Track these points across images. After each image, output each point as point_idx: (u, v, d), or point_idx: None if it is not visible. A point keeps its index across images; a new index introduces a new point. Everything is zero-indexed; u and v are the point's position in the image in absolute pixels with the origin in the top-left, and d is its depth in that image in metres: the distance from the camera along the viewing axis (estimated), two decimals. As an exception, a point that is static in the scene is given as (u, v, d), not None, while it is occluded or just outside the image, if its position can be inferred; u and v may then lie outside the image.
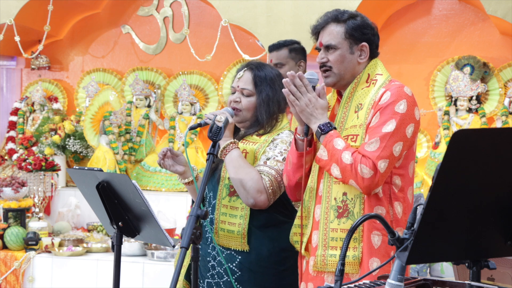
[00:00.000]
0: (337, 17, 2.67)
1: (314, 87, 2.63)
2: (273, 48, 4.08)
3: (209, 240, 2.97)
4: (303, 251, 2.70)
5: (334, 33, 2.65)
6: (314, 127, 2.59)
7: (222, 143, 2.86)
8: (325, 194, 2.62)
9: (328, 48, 2.66)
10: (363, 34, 2.66)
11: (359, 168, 2.48)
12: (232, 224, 2.90)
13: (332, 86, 2.72)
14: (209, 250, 2.96)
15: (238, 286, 2.89)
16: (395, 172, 2.58)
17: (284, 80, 2.61)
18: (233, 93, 3.01)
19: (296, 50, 4.08)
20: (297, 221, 2.73)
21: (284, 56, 4.04)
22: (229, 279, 2.90)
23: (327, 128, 2.57)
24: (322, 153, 2.57)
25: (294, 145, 2.69)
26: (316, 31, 2.72)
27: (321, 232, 2.60)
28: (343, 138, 2.58)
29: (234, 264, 2.91)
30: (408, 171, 2.62)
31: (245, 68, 3.02)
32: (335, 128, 2.58)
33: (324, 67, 2.67)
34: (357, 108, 2.62)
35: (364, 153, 2.50)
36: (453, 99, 5.52)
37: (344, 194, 2.58)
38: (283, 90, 2.63)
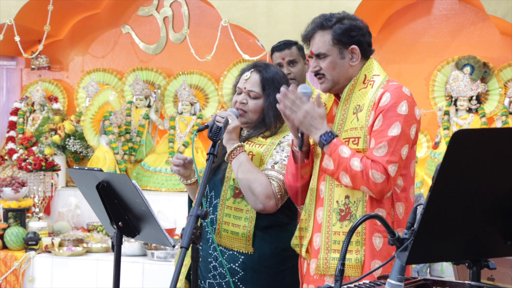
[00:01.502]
0: (322, 24, 2.66)
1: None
2: (285, 46, 4.09)
3: (210, 240, 2.96)
4: (304, 253, 2.70)
5: (322, 41, 2.65)
6: (316, 137, 2.58)
7: (229, 146, 2.85)
8: (327, 197, 2.62)
9: (319, 56, 2.66)
10: (351, 37, 2.65)
11: (370, 173, 2.47)
12: (236, 226, 2.89)
13: (328, 91, 2.72)
14: (210, 251, 2.96)
15: (240, 286, 2.89)
16: None
17: (277, 96, 2.60)
18: (239, 93, 2.99)
19: (302, 49, 4.13)
20: (300, 224, 2.73)
21: (296, 54, 4.07)
22: (231, 279, 2.90)
23: (329, 138, 2.55)
24: (327, 162, 2.57)
25: (292, 157, 2.70)
26: (306, 39, 2.72)
27: (324, 235, 2.60)
28: (344, 141, 2.58)
29: (237, 264, 2.91)
30: (410, 170, 2.63)
31: (252, 69, 2.99)
32: (336, 136, 2.58)
33: (318, 75, 2.68)
34: (356, 109, 2.61)
35: (373, 158, 2.49)
36: (453, 99, 5.52)
37: (347, 197, 2.58)
38: (277, 105, 2.61)
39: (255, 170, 2.83)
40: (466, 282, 1.80)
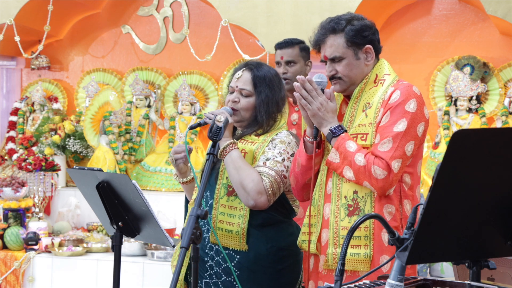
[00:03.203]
0: (334, 28, 2.67)
1: (323, 90, 2.65)
2: (285, 45, 4.09)
3: (206, 240, 2.97)
4: (313, 249, 2.70)
5: (335, 45, 2.66)
6: (326, 130, 2.61)
7: (222, 143, 2.87)
8: (334, 192, 2.63)
9: (333, 60, 2.67)
10: (364, 37, 2.67)
11: (372, 169, 2.49)
12: (230, 224, 2.90)
13: (343, 92, 2.73)
14: (206, 250, 2.96)
15: (236, 286, 2.89)
16: (405, 170, 2.60)
17: (295, 84, 2.63)
18: (231, 92, 3.01)
19: (305, 50, 4.12)
20: (306, 220, 2.73)
21: (296, 54, 4.07)
22: (227, 279, 2.90)
23: (338, 131, 2.59)
24: (333, 156, 2.59)
25: (302, 148, 2.70)
26: (317, 45, 2.72)
27: (332, 230, 2.62)
28: (352, 137, 2.59)
29: (232, 264, 2.91)
30: (417, 169, 2.65)
31: (244, 68, 3.01)
32: (346, 131, 2.60)
33: (334, 79, 2.68)
34: (365, 107, 2.64)
35: (377, 153, 2.51)
36: (453, 99, 5.52)
37: (355, 192, 2.60)
38: (294, 93, 2.64)
39: (246, 167, 2.84)
40: (466, 282, 1.80)
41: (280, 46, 4.12)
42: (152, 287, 4.87)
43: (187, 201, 3.25)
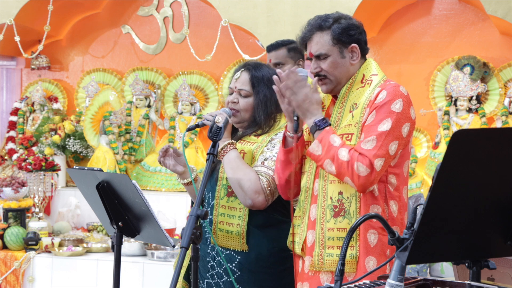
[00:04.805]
0: (320, 25, 2.67)
1: None
2: (272, 48, 4.11)
3: (208, 240, 2.97)
4: (298, 251, 2.70)
5: (321, 42, 2.66)
6: (310, 122, 2.60)
7: (220, 144, 2.87)
8: (320, 193, 2.62)
9: (319, 57, 2.67)
10: (350, 36, 2.66)
11: (355, 165, 2.48)
12: (230, 225, 2.90)
13: (330, 93, 2.72)
14: (208, 251, 2.96)
15: (238, 286, 2.89)
16: (391, 171, 2.59)
17: (274, 78, 2.61)
18: (231, 93, 3.02)
19: (294, 50, 4.10)
20: (294, 221, 2.73)
21: (283, 56, 4.06)
22: (229, 279, 2.90)
23: (323, 124, 2.57)
24: (315, 147, 2.57)
25: (282, 142, 2.70)
26: (304, 42, 2.73)
27: (318, 231, 2.61)
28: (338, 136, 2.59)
29: (233, 264, 2.91)
30: (403, 170, 2.64)
31: (242, 69, 3.03)
32: (330, 124, 2.59)
33: (319, 76, 2.68)
34: (352, 108, 2.63)
35: (361, 151, 2.50)
36: (453, 99, 5.52)
37: (340, 193, 2.58)
38: (279, 85, 2.62)
39: (244, 167, 2.84)
40: (466, 282, 1.80)
41: (268, 49, 4.15)
42: (152, 287, 4.88)
43: (192, 203, 3.25)
